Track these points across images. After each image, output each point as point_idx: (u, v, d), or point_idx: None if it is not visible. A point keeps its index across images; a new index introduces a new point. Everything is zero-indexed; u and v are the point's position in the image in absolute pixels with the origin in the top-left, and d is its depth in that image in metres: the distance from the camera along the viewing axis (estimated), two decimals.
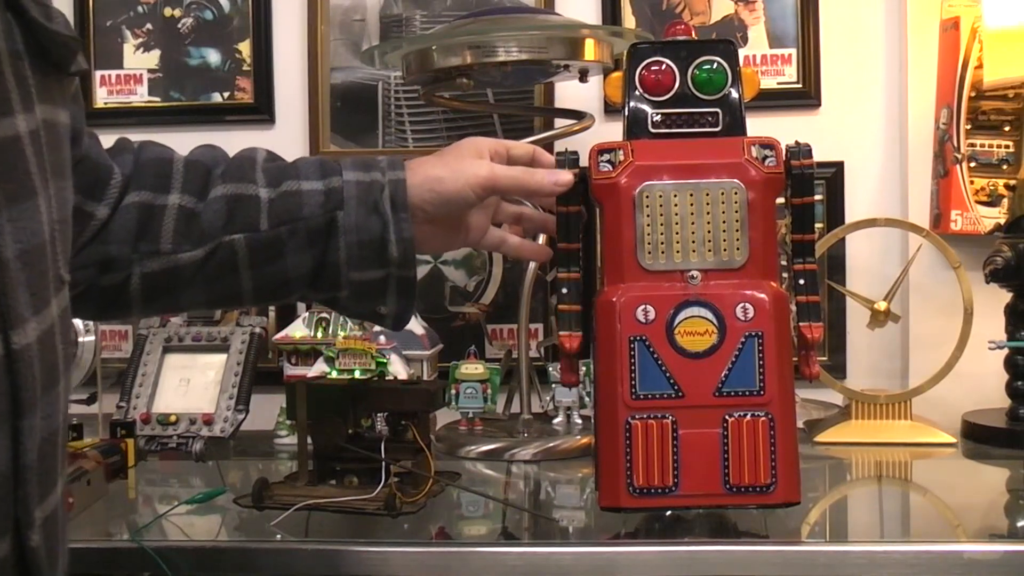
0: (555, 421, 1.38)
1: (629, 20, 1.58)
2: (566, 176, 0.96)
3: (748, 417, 0.92)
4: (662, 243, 0.95)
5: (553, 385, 1.37)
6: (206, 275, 0.86)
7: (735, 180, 0.95)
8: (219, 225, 0.85)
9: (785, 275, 1.01)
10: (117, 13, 1.64)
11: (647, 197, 0.95)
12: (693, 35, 1.05)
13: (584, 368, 1.20)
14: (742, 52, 1.54)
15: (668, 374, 0.93)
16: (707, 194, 0.95)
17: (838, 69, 1.57)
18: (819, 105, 1.57)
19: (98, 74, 1.64)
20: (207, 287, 0.87)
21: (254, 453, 1.36)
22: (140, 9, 1.64)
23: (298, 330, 1.40)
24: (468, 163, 0.92)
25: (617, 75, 1.03)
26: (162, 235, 0.84)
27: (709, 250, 0.95)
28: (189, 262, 0.85)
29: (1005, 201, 1.46)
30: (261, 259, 0.87)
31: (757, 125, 1.02)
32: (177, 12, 1.64)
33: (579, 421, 1.37)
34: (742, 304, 0.93)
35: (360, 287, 0.89)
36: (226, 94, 1.63)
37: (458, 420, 1.39)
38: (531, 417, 1.39)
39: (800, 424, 1.35)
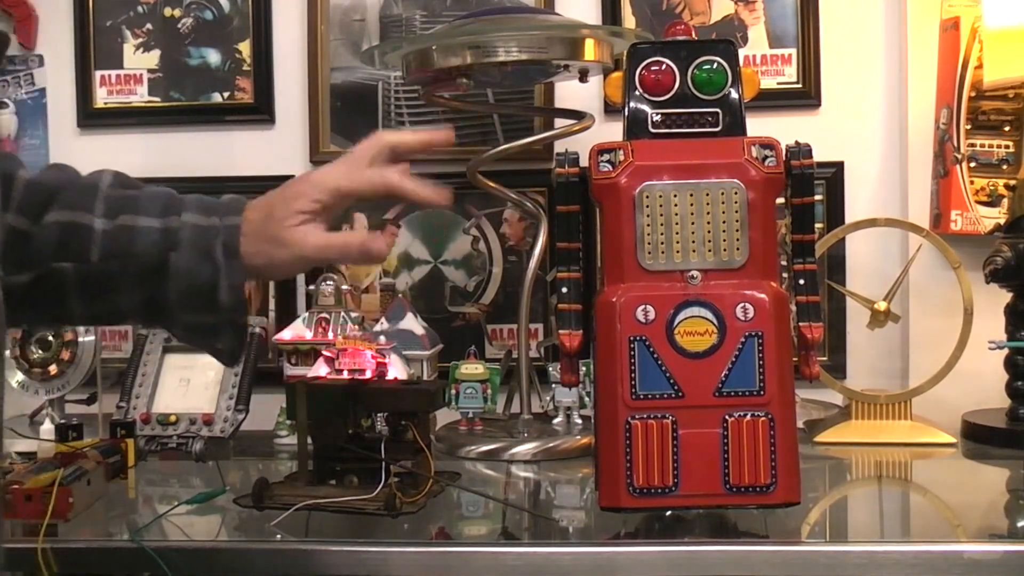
0: (555, 421, 1.38)
1: (629, 20, 1.58)
2: (381, 248, 0.87)
3: (748, 417, 0.92)
4: (662, 243, 0.95)
5: (553, 385, 1.37)
6: (33, 299, 0.85)
7: (735, 180, 0.95)
8: (48, 252, 0.83)
9: (785, 275, 1.02)
10: (117, 13, 1.64)
11: (647, 197, 0.95)
12: (693, 35, 1.06)
13: (584, 368, 1.20)
14: (742, 52, 1.54)
15: (668, 374, 0.93)
16: (707, 194, 0.95)
17: (838, 69, 1.57)
18: (819, 105, 1.57)
19: (98, 74, 1.64)
20: (35, 311, 0.86)
21: (254, 453, 1.36)
22: (140, 9, 1.64)
23: (298, 330, 1.40)
24: (298, 235, 0.83)
25: (617, 75, 1.03)
26: None
27: (709, 250, 0.95)
28: (15, 285, 0.83)
29: (1005, 201, 1.46)
30: (91, 290, 0.86)
31: (757, 125, 1.02)
32: (177, 12, 1.64)
33: (579, 421, 1.37)
34: (742, 304, 0.93)
35: (192, 327, 0.87)
36: (226, 94, 1.63)
37: (458, 420, 1.39)
38: (531, 417, 1.39)
39: (800, 424, 1.35)
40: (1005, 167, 1.49)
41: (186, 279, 0.84)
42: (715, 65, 1.00)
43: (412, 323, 1.41)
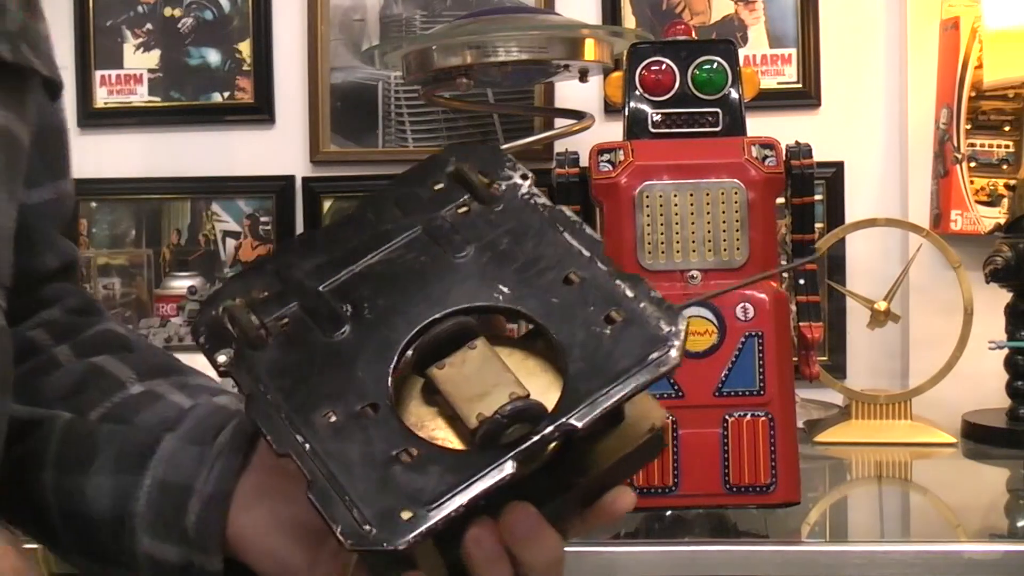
0: None
1: (629, 20, 1.58)
2: None
3: (748, 417, 0.92)
4: (662, 243, 0.95)
5: None
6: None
7: (735, 180, 0.95)
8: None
9: (785, 275, 1.02)
10: (117, 13, 1.64)
11: (647, 197, 0.95)
12: (693, 35, 1.06)
13: None
14: (742, 52, 1.54)
15: None
16: (707, 194, 0.95)
17: (838, 69, 1.57)
18: (819, 105, 1.57)
19: (98, 74, 1.64)
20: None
21: None
22: (140, 9, 1.64)
23: None
24: None
25: (617, 75, 1.03)
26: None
27: (709, 250, 0.95)
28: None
29: (1005, 201, 1.46)
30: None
31: (757, 125, 1.02)
32: (177, 12, 1.64)
33: None
34: (742, 304, 0.93)
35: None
36: (226, 94, 1.63)
37: None
38: None
39: (800, 424, 1.35)
40: (1005, 167, 1.49)
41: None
42: (715, 65, 1.00)
43: None
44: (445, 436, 0.48)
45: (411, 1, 1.60)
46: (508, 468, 0.45)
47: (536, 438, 0.45)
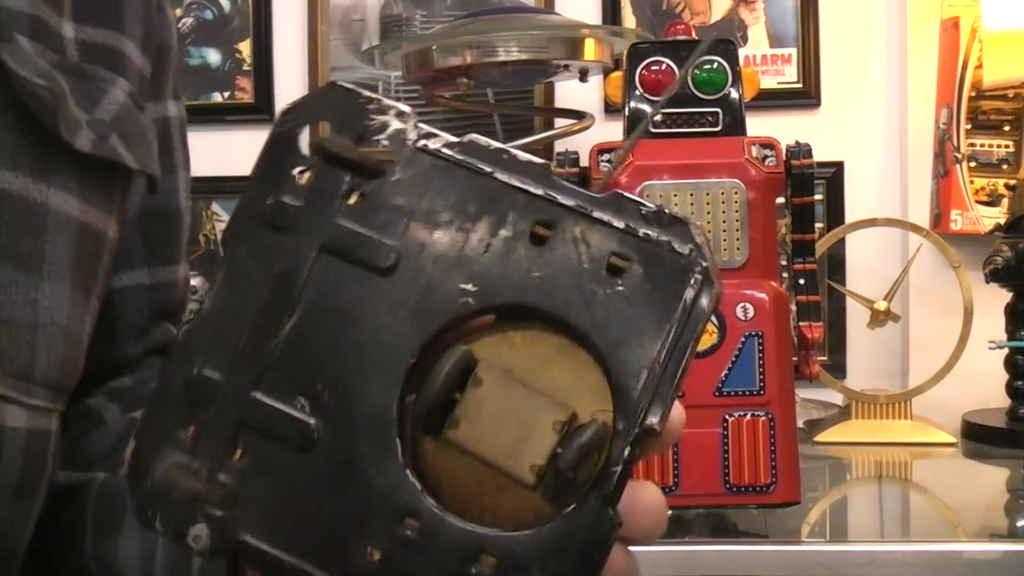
0: None
1: (629, 20, 1.58)
2: None
3: (748, 417, 0.92)
4: None
5: None
6: None
7: (735, 180, 0.95)
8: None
9: (785, 275, 1.02)
10: None
11: (647, 197, 0.95)
12: (693, 35, 1.06)
13: None
14: (742, 52, 1.54)
15: None
16: (707, 194, 0.95)
17: (838, 69, 1.57)
18: (819, 105, 1.57)
19: None
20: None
21: None
22: None
23: None
24: None
25: (617, 75, 1.03)
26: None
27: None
28: None
29: (1005, 201, 1.46)
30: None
31: (757, 125, 1.02)
32: (177, 12, 1.64)
33: None
34: (742, 304, 0.93)
35: None
36: (226, 94, 1.63)
37: None
38: None
39: (800, 424, 1.35)
40: (1005, 167, 1.49)
41: None
42: (715, 65, 1.00)
43: None
44: (494, 502, 0.36)
45: (411, 1, 1.60)
46: (611, 518, 0.36)
47: (619, 468, 0.35)
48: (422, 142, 0.38)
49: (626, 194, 0.37)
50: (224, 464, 0.37)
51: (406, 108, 0.39)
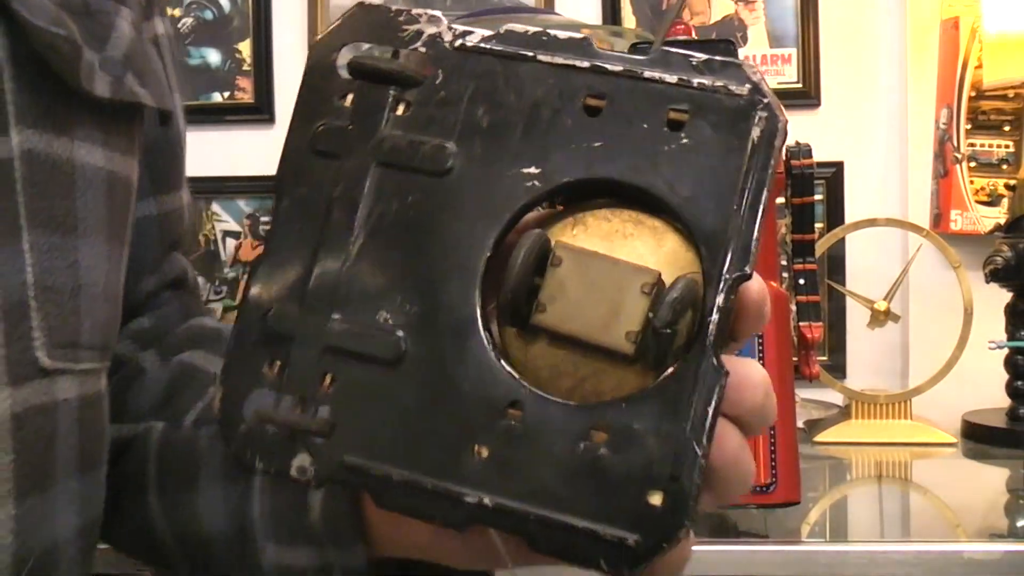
0: None
1: (629, 20, 1.58)
2: None
3: None
4: None
5: None
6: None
7: None
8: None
9: (785, 275, 1.01)
10: None
11: None
12: (693, 35, 1.05)
13: None
14: (742, 52, 1.54)
15: None
16: None
17: (838, 69, 1.57)
18: (819, 105, 1.57)
19: None
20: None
21: None
22: None
23: None
24: None
25: None
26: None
27: None
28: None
29: (1005, 201, 1.46)
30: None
31: None
32: (177, 12, 1.64)
33: None
34: None
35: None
36: (226, 94, 1.63)
37: None
38: None
39: (800, 424, 1.35)
40: (1005, 167, 1.49)
41: None
42: None
43: None
44: (595, 385, 0.35)
45: (411, 1, 1.60)
46: (717, 368, 0.34)
47: (716, 317, 0.34)
48: (459, 41, 0.39)
49: (672, 50, 0.36)
50: (315, 393, 0.36)
51: (436, 12, 0.39)
